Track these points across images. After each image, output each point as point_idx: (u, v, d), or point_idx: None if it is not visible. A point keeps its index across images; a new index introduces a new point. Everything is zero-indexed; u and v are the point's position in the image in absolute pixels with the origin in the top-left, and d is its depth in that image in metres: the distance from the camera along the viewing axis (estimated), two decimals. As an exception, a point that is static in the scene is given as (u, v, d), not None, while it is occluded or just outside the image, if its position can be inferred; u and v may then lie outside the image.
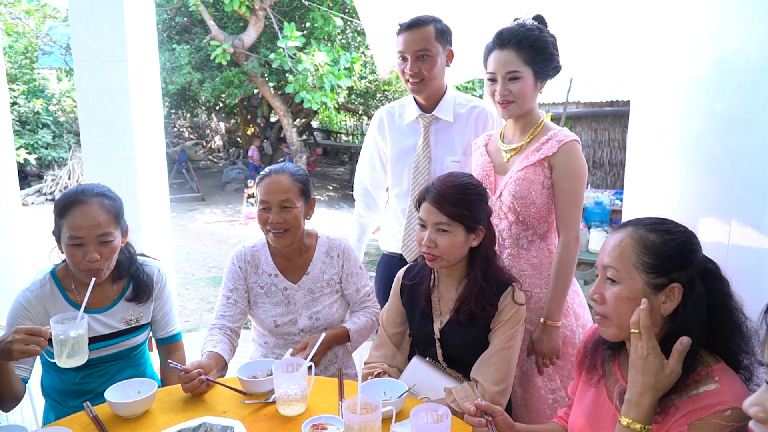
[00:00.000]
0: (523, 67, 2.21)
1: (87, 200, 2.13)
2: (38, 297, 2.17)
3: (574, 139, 2.25)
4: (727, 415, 1.33)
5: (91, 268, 2.11)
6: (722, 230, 1.99)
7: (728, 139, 2.00)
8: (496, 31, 2.26)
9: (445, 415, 1.59)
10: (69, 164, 12.95)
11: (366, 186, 3.08)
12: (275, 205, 2.33)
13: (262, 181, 2.38)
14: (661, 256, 1.46)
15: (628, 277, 1.48)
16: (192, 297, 6.84)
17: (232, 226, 10.83)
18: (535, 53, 2.20)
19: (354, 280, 2.54)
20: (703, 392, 1.39)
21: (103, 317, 2.24)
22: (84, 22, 3.35)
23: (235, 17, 11.80)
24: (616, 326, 1.52)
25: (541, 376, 2.32)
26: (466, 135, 2.71)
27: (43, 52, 14.32)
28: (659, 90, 2.68)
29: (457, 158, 2.70)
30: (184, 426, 1.69)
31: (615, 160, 9.98)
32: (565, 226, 2.26)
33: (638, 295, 1.47)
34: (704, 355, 1.46)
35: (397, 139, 2.82)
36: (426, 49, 2.56)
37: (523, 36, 2.20)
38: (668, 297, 1.46)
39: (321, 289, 2.48)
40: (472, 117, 2.71)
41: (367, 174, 3.04)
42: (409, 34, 2.57)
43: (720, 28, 2.14)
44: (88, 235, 2.10)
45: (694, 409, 1.37)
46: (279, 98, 12.33)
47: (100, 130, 3.45)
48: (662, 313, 1.47)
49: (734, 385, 1.39)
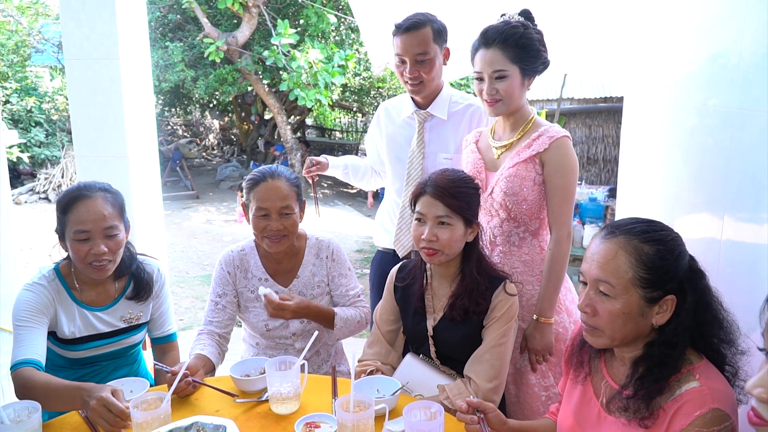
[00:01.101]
0: (510, 66, 2.20)
1: (91, 195, 2.14)
2: (48, 291, 2.16)
3: (565, 135, 2.24)
4: (708, 419, 1.33)
5: (99, 260, 2.11)
6: (715, 226, 1.99)
7: (722, 135, 2.00)
8: (482, 30, 2.24)
9: (438, 412, 1.59)
10: (62, 163, 12.88)
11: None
12: (275, 212, 2.28)
13: (257, 187, 2.31)
14: (658, 270, 1.44)
15: (624, 293, 1.45)
16: (186, 295, 6.83)
17: (227, 224, 10.80)
18: (520, 51, 2.19)
19: (342, 282, 2.48)
20: (685, 391, 1.39)
21: (104, 315, 2.24)
22: (75, 19, 3.33)
23: (228, 14, 11.76)
24: (608, 338, 1.51)
25: (535, 374, 2.31)
26: (460, 132, 2.70)
27: (35, 49, 14.24)
28: (652, 86, 2.68)
29: (449, 155, 2.70)
30: (175, 425, 1.68)
31: (609, 156, 9.98)
32: (557, 223, 2.25)
33: (633, 309, 1.45)
34: (688, 353, 1.46)
35: (392, 134, 2.85)
36: (425, 52, 2.57)
37: (508, 34, 2.18)
38: (662, 308, 1.45)
39: (312, 292, 2.44)
40: (467, 115, 2.71)
41: (372, 163, 3.12)
42: (407, 36, 2.56)
43: (713, 24, 2.14)
44: (95, 228, 2.10)
45: (677, 412, 1.37)
46: (273, 95, 12.30)
47: (92, 128, 3.43)
48: (654, 323, 1.47)
49: (715, 384, 1.39)
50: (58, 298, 2.18)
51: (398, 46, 2.61)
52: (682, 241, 1.49)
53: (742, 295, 1.67)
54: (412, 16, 2.59)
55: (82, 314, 2.21)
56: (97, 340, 2.24)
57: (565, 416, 1.70)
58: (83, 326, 2.21)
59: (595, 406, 1.58)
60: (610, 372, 1.59)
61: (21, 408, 1.74)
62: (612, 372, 1.59)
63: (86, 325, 2.21)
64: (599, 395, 1.59)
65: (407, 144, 2.77)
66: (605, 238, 1.51)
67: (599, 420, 1.55)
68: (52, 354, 2.26)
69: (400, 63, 2.64)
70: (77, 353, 2.23)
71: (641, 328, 1.48)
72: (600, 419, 1.55)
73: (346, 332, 2.42)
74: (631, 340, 1.50)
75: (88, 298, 2.24)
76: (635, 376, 1.47)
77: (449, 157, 2.70)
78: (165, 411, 1.72)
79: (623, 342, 1.51)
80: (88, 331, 2.22)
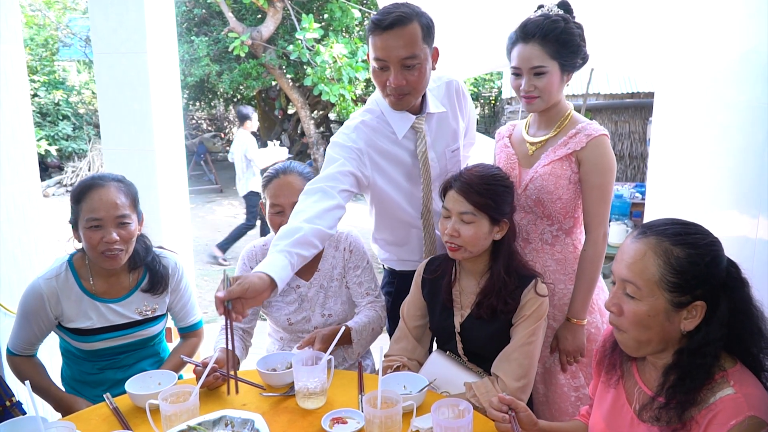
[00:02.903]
0: (549, 62, 2.10)
1: (104, 184, 2.17)
2: (53, 287, 2.20)
3: (603, 133, 2.18)
4: (744, 427, 1.29)
5: (110, 249, 2.12)
6: (750, 225, 1.96)
7: (754, 132, 1.97)
8: (521, 23, 2.15)
9: (466, 410, 1.58)
10: (89, 156, 13.05)
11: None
12: (289, 207, 2.23)
13: (271, 183, 2.31)
14: (687, 275, 1.38)
15: (650, 296, 1.41)
16: (210, 288, 6.86)
17: (251, 218, 10.84)
18: (561, 47, 2.10)
19: (357, 273, 2.43)
20: (719, 399, 1.35)
21: (118, 307, 2.26)
22: (104, 13, 3.36)
23: (253, 9, 11.79)
24: (633, 339, 1.47)
25: (564, 374, 2.28)
26: (456, 114, 2.42)
27: (63, 44, 14.39)
28: (683, 82, 2.64)
29: (455, 146, 2.42)
30: (204, 419, 1.68)
31: (635, 152, 9.87)
32: (593, 223, 2.19)
33: (659, 313, 1.41)
34: (721, 358, 1.41)
35: (396, 155, 2.33)
36: (413, 56, 2.10)
37: (549, 29, 2.08)
38: (690, 313, 1.41)
39: (332, 284, 2.43)
40: (452, 94, 2.41)
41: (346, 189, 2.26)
42: (390, 36, 2.08)
43: (743, 18, 2.10)
44: (107, 216, 2.12)
45: (711, 421, 1.33)
46: (297, 90, 12.31)
47: (119, 122, 3.46)
48: (682, 329, 1.42)
49: (750, 390, 1.35)
50: (63, 293, 2.20)
51: (378, 48, 2.11)
52: (720, 247, 1.43)
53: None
54: (392, 8, 2.09)
55: (94, 306, 2.23)
56: (112, 332, 2.25)
57: (596, 421, 1.66)
58: (96, 318, 2.22)
59: (627, 413, 1.54)
60: (642, 377, 1.55)
61: (61, 427, 1.66)
62: (645, 377, 1.55)
63: (99, 317, 2.23)
64: (632, 401, 1.55)
65: (414, 157, 2.33)
66: (637, 237, 1.47)
67: (632, 427, 1.52)
68: (69, 346, 2.30)
69: (380, 70, 2.16)
70: (92, 344, 2.25)
71: (668, 332, 1.43)
72: (633, 426, 1.52)
73: (364, 343, 2.35)
74: (659, 346, 1.46)
75: (101, 290, 2.25)
76: (667, 385, 1.43)
77: (455, 148, 2.41)
78: (194, 404, 1.73)
79: (650, 346, 1.47)
80: (101, 323, 2.23)
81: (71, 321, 2.20)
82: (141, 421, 1.82)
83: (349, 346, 2.32)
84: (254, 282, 1.77)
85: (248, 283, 1.75)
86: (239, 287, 1.73)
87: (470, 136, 2.58)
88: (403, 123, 2.28)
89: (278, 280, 1.83)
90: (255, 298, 1.77)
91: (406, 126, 2.28)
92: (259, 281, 1.78)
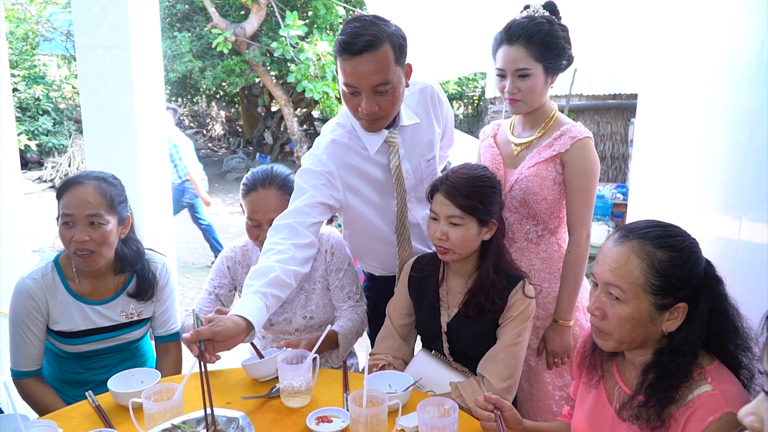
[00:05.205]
0: (533, 64, 2.11)
1: (84, 182, 2.13)
2: (40, 287, 2.16)
3: (587, 135, 2.19)
4: (722, 423, 1.31)
5: (81, 249, 2.08)
6: (732, 226, 1.98)
7: (737, 133, 1.99)
8: (506, 24, 2.16)
9: (452, 409, 1.59)
10: (69, 151, 12.89)
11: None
12: (266, 222, 2.20)
13: (249, 196, 2.27)
14: (671, 278, 1.41)
15: (635, 299, 1.43)
16: (192, 286, 6.83)
17: (232, 216, 10.79)
18: (545, 49, 2.10)
19: (338, 276, 2.41)
20: (698, 396, 1.37)
21: (103, 309, 2.22)
22: (87, 7, 3.32)
23: (236, 5, 11.74)
24: (616, 341, 1.49)
25: (549, 372, 2.30)
26: (432, 120, 2.33)
27: (43, 38, 14.23)
28: (667, 83, 2.66)
29: (431, 155, 2.34)
30: (188, 417, 1.67)
31: (617, 153, 9.94)
32: (576, 224, 2.21)
33: (643, 315, 1.43)
34: (699, 355, 1.43)
35: (369, 172, 2.26)
36: (386, 82, 1.98)
37: (533, 31, 2.08)
38: (672, 315, 1.43)
39: (314, 286, 2.41)
40: (428, 100, 2.31)
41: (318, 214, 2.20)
42: (360, 62, 1.95)
43: (727, 20, 2.12)
44: (78, 213, 2.08)
45: (689, 418, 1.35)
46: (280, 87, 12.27)
47: (102, 117, 3.42)
48: (664, 330, 1.44)
49: (727, 387, 1.37)
50: (50, 294, 2.16)
51: (348, 74, 1.98)
52: (699, 248, 1.46)
53: (760, 297, 1.66)
54: (360, 29, 1.95)
55: (79, 308, 2.19)
56: (96, 335, 2.22)
57: (579, 421, 1.68)
58: (80, 320, 2.19)
59: (608, 412, 1.56)
60: (622, 376, 1.57)
61: (42, 425, 1.65)
62: (624, 377, 1.57)
63: (83, 319, 2.19)
64: (612, 401, 1.56)
65: (387, 171, 2.26)
66: (619, 241, 1.47)
67: (613, 426, 1.53)
68: (52, 347, 2.26)
69: (351, 95, 2.04)
70: (76, 347, 2.22)
71: (650, 333, 1.46)
72: (614, 425, 1.53)
73: (348, 345, 2.34)
74: (640, 345, 1.49)
75: (86, 291, 2.21)
76: (646, 383, 1.45)
77: (431, 157, 2.34)
78: (177, 402, 1.72)
79: (632, 345, 1.49)
80: (85, 325, 2.20)
81: (56, 323, 2.17)
82: (123, 420, 1.80)
83: (334, 351, 2.31)
84: (228, 326, 1.68)
85: (220, 326, 1.67)
86: (209, 331, 1.64)
87: (447, 137, 2.53)
88: (376, 139, 2.20)
89: (255, 324, 1.76)
90: (226, 342, 1.68)
91: (379, 142, 2.20)
92: (233, 326, 1.70)
